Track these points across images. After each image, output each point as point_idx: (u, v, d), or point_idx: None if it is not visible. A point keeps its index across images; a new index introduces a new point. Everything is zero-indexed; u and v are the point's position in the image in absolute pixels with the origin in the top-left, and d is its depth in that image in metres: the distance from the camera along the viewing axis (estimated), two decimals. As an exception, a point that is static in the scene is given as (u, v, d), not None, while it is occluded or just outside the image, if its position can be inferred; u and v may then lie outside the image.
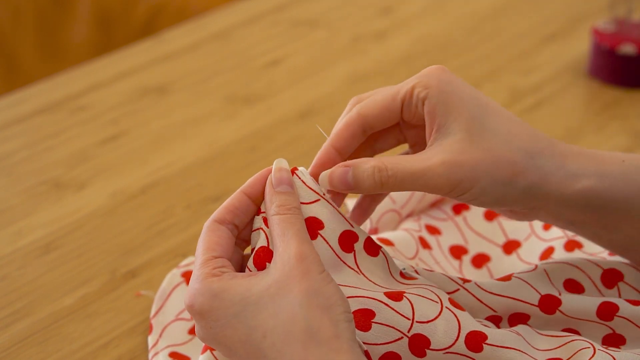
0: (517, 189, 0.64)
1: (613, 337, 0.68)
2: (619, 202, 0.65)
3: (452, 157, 0.63)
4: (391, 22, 1.27)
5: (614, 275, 0.70)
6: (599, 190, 0.65)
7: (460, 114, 0.64)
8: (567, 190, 0.64)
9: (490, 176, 0.63)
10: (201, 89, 1.14)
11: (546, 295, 0.68)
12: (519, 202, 0.65)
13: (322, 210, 0.65)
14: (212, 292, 0.61)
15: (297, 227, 0.62)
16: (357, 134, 0.67)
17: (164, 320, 0.77)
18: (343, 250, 0.66)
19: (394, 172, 0.64)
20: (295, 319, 0.58)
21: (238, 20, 1.29)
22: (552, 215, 0.66)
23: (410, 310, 0.64)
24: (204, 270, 0.62)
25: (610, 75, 1.11)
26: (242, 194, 0.65)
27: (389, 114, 0.67)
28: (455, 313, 0.65)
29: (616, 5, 1.11)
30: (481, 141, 0.64)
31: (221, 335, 0.61)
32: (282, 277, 0.60)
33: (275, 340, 0.59)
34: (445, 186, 0.63)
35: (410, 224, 0.81)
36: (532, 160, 0.64)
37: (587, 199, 0.65)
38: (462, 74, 1.14)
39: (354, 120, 0.67)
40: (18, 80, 1.81)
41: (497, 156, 0.63)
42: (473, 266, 0.80)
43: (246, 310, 0.60)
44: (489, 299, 0.68)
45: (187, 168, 0.99)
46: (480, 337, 0.65)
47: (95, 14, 1.87)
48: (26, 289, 0.83)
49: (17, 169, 0.99)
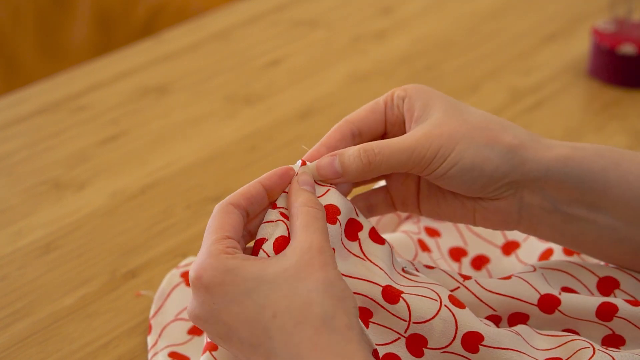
0: (495, 152, 0.66)
1: (612, 337, 0.68)
2: (595, 173, 0.66)
3: (432, 129, 0.66)
4: (391, 22, 1.27)
5: (610, 282, 0.70)
6: (574, 158, 0.66)
7: (436, 105, 0.68)
8: (544, 156, 0.66)
9: (469, 139, 0.66)
10: (201, 89, 1.14)
11: (545, 294, 0.68)
12: (499, 169, 0.66)
13: (335, 198, 0.66)
14: (226, 267, 0.60)
15: (321, 223, 0.63)
16: (347, 136, 0.69)
17: (163, 321, 0.77)
18: (348, 239, 0.66)
19: (379, 149, 0.66)
20: (311, 303, 0.58)
21: (238, 20, 1.29)
22: (534, 192, 0.67)
23: (406, 312, 0.64)
24: (218, 246, 0.61)
25: (610, 75, 1.11)
26: (259, 184, 0.66)
27: (374, 116, 0.69)
28: (453, 312, 0.65)
29: (616, 5, 1.11)
30: (458, 115, 0.67)
31: (224, 312, 0.60)
32: (301, 264, 0.60)
33: (285, 321, 0.58)
34: (428, 154, 0.65)
35: (409, 226, 0.81)
36: (508, 130, 0.67)
37: (565, 166, 0.66)
38: (462, 74, 1.14)
39: (342, 124, 0.70)
40: (18, 80, 1.81)
41: (473, 124, 0.67)
42: (472, 268, 0.80)
43: (260, 288, 0.59)
44: (489, 298, 0.68)
45: (187, 168, 0.99)
46: (477, 338, 0.65)
47: (95, 14, 1.87)
48: (26, 289, 0.83)
49: (17, 169, 0.99)
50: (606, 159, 0.67)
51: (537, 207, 0.68)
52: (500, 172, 0.66)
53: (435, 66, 1.17)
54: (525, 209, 0.68)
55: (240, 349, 0.60)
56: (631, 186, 0.66)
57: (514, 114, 1.06)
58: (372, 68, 1.17)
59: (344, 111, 1.08)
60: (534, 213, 0.68)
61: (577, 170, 0.66)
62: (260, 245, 0.64)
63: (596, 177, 0.66)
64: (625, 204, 0.67)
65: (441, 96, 0.69)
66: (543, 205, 0.68)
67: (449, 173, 0.66)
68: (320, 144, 0.69)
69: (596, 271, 0.71)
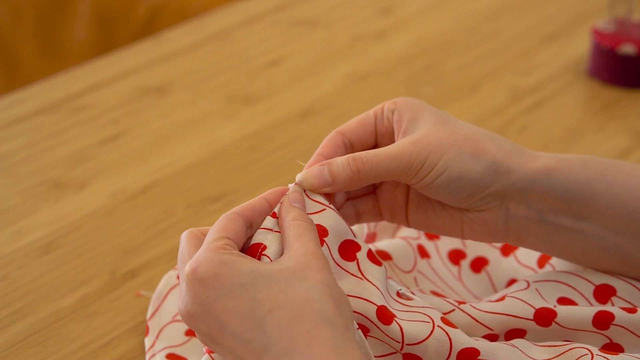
0: (482, 163, 0.67)
1: (611, 346, 0.68)
2: (580, 184, 0.67)
3: (420, 138, 0.67)
4: (391, 22, 1.27)
5: (606, 290, 0.70)
6: (559, 169, 0.68)
7: (424, 116, 0.69)
8: (529, 167, 0.67)
9: (456, 148, 0.67)
10: (201, 89, 1.14)
11: (541, 308, 0.68)
12: (484, 179, 0.67)
13: (327, 219, 0.66)
14: (222, 260, 0.60)
15: (314, 234, 0.63)
16: (340, 147, 0.70)
17: (161, 322, 0.77)
18: (344, 259, 0.66)
19: (368, 158, 0.67)
20: (310, 300, 0.58)
21: (238, 20, 1.29)
22: (520, 203, 0.68)
23: (399, 334, 0.65)
24: (216, 243, 0.61)
25: (610, 75, 1.11)
26: (263, 199, 0.67)
27: (364, 127, 0.71)
28: (447, 331, 0.65)
29: (616, 5, 1.11)
30: (446, 126, 0.68)
31: (218, 306, 0.59)
32: (299, 265, 0.60)
33: (282, 316, 0.58)
34: (416, 163, 0.67)
35: (408, 231, 0.81)
36: (494, 141, 0.68)
37: (549, 177, 0.67)
38: (462, 74, 1.14)
39: (335, 135, 0.71)
40: (18, 80, 1.81)
41: (461, 134, 0.68)
42: (472, 271, 0.79)
43: (256, 281, 0.59)
44: (485, 318, 0.68)
45: (187, 168, 0.99)
46: (473, 353, 0.65)
47: (95, 14, 1.87)
48: (26, 289, 0.83)
49: (17, 169, 0.99)
50: (591, 170, 0.68)
51: (524, 217, 0.69)
52: (486, 182, 0.67)
53: (435, 66, 1.17)
54: (512, 220, 0.69)
55: (231, 346, 0.59)
56: (617, 196, 0.67)
57: (514, 114, 1.06)
58: (372, 68, 1.17)
59: (344, 111, 1.08)
60: (520, 224, 0.69)
61: (563, 180, 0.67)
62: (255, 250, 0.64)
63: (582, 187, 0.67)
64: (611, 214, 0.67)
65: (429, 109, 0.70)
66: (529, 216, 0.69)
67: (437, 182, 0.67)
68: (316, 155, 0.70)
69: (592, 279, 0.71)
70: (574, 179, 0.67)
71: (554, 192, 0.67)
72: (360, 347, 0.59)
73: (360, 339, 0.63)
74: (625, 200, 0.67)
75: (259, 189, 0.86)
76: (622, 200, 0.67)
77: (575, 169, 0.68)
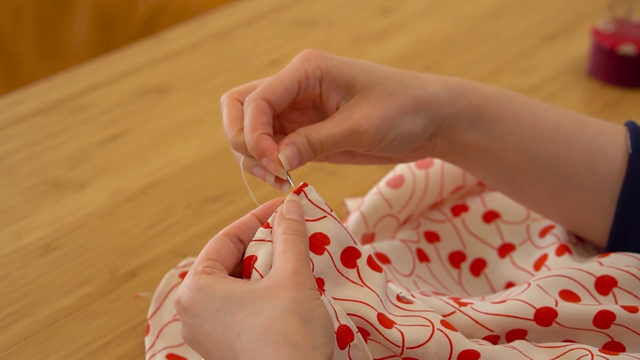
0: (422, 117, 0.72)
1: (612, 345, 0.68)
2: (492, 121, 0.73)
3: (365, 111, 0.70)
4: (391, 22, 1.27)
5: (607, 281, 0.70)
6: (476, 105, 0.73)
7: (358, 79, 0.71)
8: (455, 107, 0.73)
9: (400, 113, 0.71)
10: (201, 89, 1.14)
11: (541, 308, 0.68)
12: (427, 131, 0.73)
13: (328, 227, 0.66)
14: (197, 286, 0.62)
15: (299, 248, 0.63)
16: (269, 119, 0.70)
17: (161, 321, 0.77)
18: (345, 266, 0.67)
19: (320, 140, 0.69)
20: (273, 321, 0.59)
21: (238, 20, 1.29)
22: (445, 139, 0.73)
23: (400, 338, 0.65)
24: (197, 268, 0.63)
25: (610, 75, 1.11)
26: (251, 215, 0.67)
27: (289, 96, 0.71)
28: (447, 334, 0.65)
29: (616, 5, 1.11)
30: (382, 89, 0.71)
31: (200, 332, 0.61)
32: (272, 285, 0.61)
33: (248, 340, 0.59)
34: (366, 137, 0.70)
35: (408, 233, 0.81)
36: (423, 86, 0.72)
37: (469, 114, 0.73)
38: (462, 74, 1.14)
39: (264, 106, 0.71)
40: (18, 80, 1.81)
41: (397, 94, 0.71)
42: (472, 274, 0.80)
43: (226, 307, 0.60)
44: (485, 319, 0.69)
45: (187, 168, 0.99)
46: (473, 355, 0.65)
47: (95, 14, 1.87)
48: (26, 289, 0.83)
49: (17, 169, 0.99)
50: (504, 107, 0.73)
51: (444, 148, 0.75)
52: (427, 132, 0.73)
53: (435, 66, 1.17)
54: (436, 150, 0.75)
55: None
56: (522, 135, 0.73)
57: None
58: (372, 68, 1.17)
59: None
60: (442, 152, 0.75)
61: (477, 118, 0.73)
62: (248, 263, 0.64)
63: (492, 124, 0.73)
64: (514, 152, 0.73)
65: (354, 64, 0.72)
66: (449, 147, 0.74)
67: (387, 147, 0.71)
68: (251, 130, 0.69)
69: (593, 271, 0.71)
70: (486, 114, 0.73)
71: (469, 128, 0.73)
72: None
73: (359, 342, 0.63)
74: (529, 140, 0.73)
75: (259, 189, 0.85)
76: (526, 139, 0.73)
77: (490, 106, 0.73)
